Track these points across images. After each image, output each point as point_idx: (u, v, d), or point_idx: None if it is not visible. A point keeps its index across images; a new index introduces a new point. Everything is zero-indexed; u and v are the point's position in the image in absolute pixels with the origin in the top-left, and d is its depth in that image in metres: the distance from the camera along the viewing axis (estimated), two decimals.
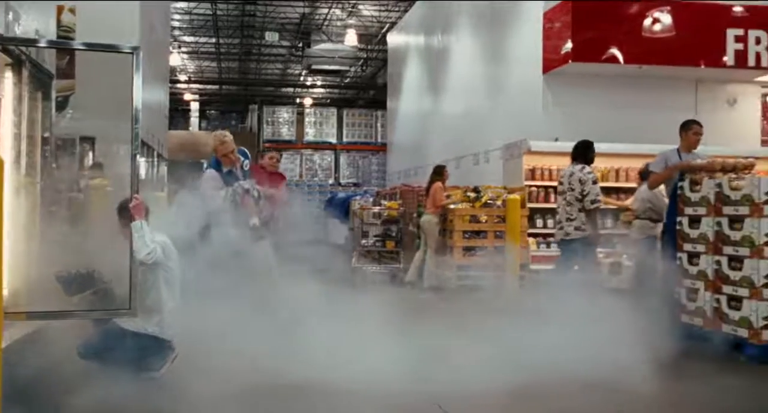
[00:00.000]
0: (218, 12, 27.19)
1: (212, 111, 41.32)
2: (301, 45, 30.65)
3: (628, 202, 10.72)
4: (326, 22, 28.55)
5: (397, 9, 26.49)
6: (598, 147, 8.98)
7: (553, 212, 12.53)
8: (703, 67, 12.91)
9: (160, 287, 5.52)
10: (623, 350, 5.82)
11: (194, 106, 39.63)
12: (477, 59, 17.70)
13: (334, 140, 33.09)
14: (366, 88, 35.46)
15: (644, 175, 9.19)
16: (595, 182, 8.46)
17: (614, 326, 6.15)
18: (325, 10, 27.28)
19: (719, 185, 7.04)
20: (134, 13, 12.94)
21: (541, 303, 7.59)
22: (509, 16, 15.36)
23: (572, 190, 8.46)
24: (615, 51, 12.71)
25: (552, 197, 12.48)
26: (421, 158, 21.32)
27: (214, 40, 30.78)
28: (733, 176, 7.10)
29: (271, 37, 26.68)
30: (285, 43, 30.97)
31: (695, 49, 12.82)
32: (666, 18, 12.75)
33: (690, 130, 8.30)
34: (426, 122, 22.21)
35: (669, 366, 6.01)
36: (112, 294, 5.42)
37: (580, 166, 8.56)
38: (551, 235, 12.42)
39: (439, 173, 12.27)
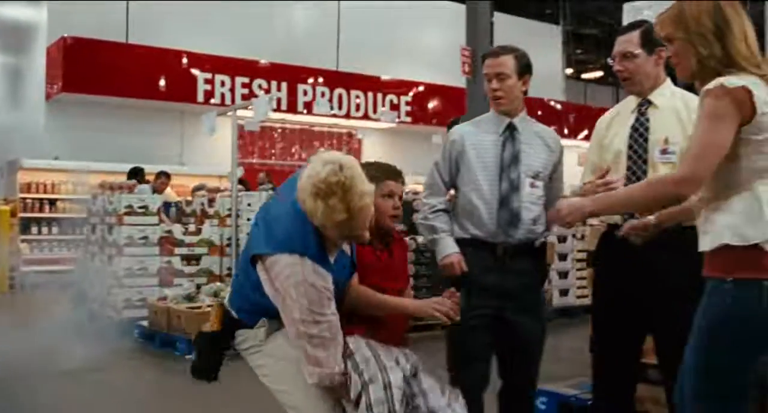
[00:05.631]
0: None
1: None
2: None
3: None
4: None
5: None
6: (92, 166, 10.84)
7: (48, 220, 13.23)
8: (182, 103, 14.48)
9: None
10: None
11: None
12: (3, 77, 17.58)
13: None
14: None
15: None
16: None
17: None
18: None
19: None
20: None
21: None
22: (30, 42, 15.57)
23: None
24: (105, 85, 13.66)
25: (47, 207, 13.17)
26: None
27: None
28: None
29: None
30: None
31: (177, 87, 14.35)
32: (146, 60, 14.10)
33: None
34: None
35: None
36: None
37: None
38: (46, 241, 13.13)
39: None
